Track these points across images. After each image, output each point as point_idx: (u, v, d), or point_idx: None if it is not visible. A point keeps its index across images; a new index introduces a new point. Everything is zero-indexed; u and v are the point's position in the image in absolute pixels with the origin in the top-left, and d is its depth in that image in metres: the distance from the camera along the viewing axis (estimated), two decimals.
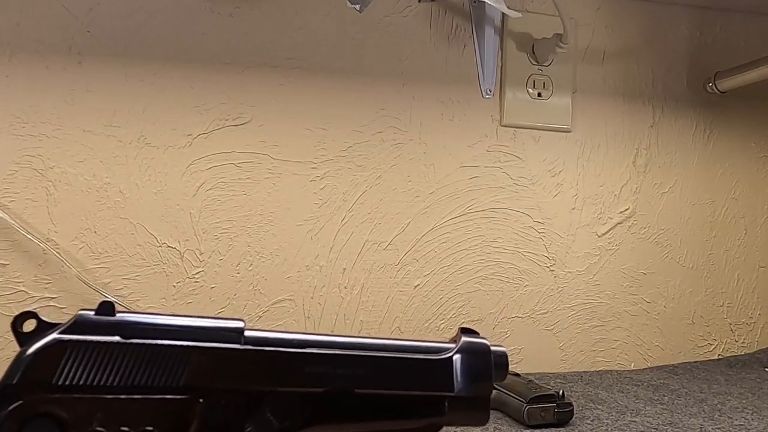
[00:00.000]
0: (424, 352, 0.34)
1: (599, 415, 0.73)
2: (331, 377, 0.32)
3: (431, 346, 0.34)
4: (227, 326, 0.32)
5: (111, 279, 0.82)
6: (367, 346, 0.33)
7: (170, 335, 0.31)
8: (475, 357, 0.34)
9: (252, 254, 0.87)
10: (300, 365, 0.32)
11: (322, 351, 0.32)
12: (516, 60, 0.98)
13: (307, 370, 0.32)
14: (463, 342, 0.34)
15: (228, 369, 0.31)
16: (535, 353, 0.98)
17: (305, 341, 0.32)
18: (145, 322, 0.31)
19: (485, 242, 0.96)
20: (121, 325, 0.31)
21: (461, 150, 0.96)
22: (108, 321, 0.31)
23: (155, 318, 0.32)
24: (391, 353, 0.33)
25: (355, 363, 0.32)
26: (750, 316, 1.10)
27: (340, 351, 0.32)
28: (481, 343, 0.35)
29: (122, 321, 0.31)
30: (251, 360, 0.32)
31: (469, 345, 0.34)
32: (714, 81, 1.04)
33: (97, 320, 0.31)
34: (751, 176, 1.10)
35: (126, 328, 0.31)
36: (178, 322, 0.32)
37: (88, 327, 0.31)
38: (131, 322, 0.31)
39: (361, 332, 0.91)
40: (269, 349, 0.32)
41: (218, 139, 0.86)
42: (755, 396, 0.83)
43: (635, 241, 1.03)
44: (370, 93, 0.92)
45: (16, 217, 0.79)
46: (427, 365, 0.33)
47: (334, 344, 0.33)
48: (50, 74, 0.81)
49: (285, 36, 0.89)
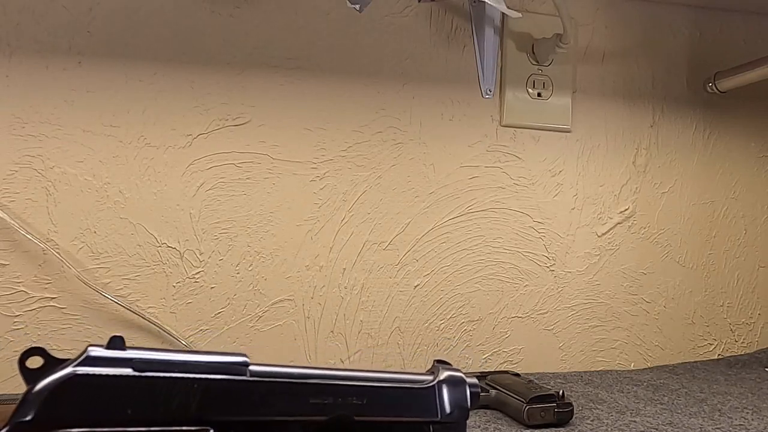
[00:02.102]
0: (410, 382, 0.37)
1: (599, 415, 0.73)
2: (332, 407, 0.34)
3: (414, 378, 0.37)
4: (234, 360, 0.34)
5: (111, 279, 0.82)
6: (361, 377, 0.35)
7: (180, 368, 0.32)
8: (454, 386, 0.37)
9: (252, 254, 0.87)
10: (305, 396, 0.34)
11: (324, 382, 0.34)
12: (516, 60, 0.98)
13: (312, 400, 0.34)
14: (444, 374, 0.37)
15: (236, 400, 0.32)
16: (535, 353, 0.98)
17: (306, 374, 0.34)
18: (155, 356, 0.32)
19: (485, 242, 0.96)
20: (132, 360, 0.32)
21: (461, 150, 0.96)
22: (120, 356, 0.32)
23: (164, 353, 0.33)
24: (385, 383, 0.36)
25: (354, 393, 0.35)
26: (750, 316, 1.10)
27: (340, 382, 0.35)
28: (458, 375, 0.38)
29: (133, 356, 0.32)
30: (258, 391, 0.33)
31: (449, 376, 0.38)
32: (714, 81, 1.04)
33: (109, 355, 0.32)
34: (751, 176, 1.10)
35: (137, 362, 0.31)
36: (187, 357, 0.33)
37: (100, 361, 0.31)
38: (142, 357, 0.32)
39: (361, 332, 0.91)
40: (275, 380, 0.33)
41: (218, 139, 0.86)
42: (755, 396, 0.83)
43: (635, 241, 1.03)
44: (370, 93, 0.92)
45: (16, 217, 0.79)
46: (416, 393, 0.36)
47: (332, 376, 0.35)
48: (50, 74, 0.81)
49: (285, 36, 0.89)
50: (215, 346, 0.85)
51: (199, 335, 0.85)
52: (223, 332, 0.86)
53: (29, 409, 0.29)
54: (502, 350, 0.97)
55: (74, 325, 0.81)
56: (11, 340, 0.79)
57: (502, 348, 0.97)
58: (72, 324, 0.81)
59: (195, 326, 0.85)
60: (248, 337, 0.87)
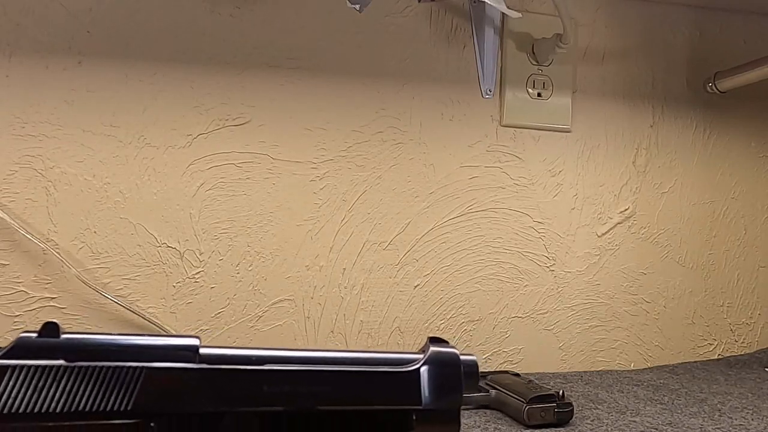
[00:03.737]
0: (389, 364, 0.32)
1: (599, 415, 0.73)
2: (291, 395, 0.30)
3: (397, 358, 0.33)
4: (180, 344, 0.31)
5: (111, 279, 0.82)
6: (328, 360, 0.32)
7: (118, 356, 0.29)
8: (444, 368, 0.33)
9: (252, 254, 0.87)
10: (258, 384, 0.30)
11: (282, 367, 0.31)
12: (516, 60, 0.98)
13: (266, 388, 0.30)
14: (431, 352, 0.33)
15: (181, 390, 0.30)
16: (535, 353, 0.98)
17: (264, 357, 0.31)
18: (91, 342, 0.30)
19: (485, 242, 0.96)
20: (65, 347, 0.29)
21: (461, 150, 0.96)
22: (51, 343, 0.29)
23: (103, 338, 0.30)
24: (354, 367, 0.32)
25: (316, 379, 0.31)
26: (750, 316, 1.10)
27: (301, 367, 0.31)
28: (450, 352, 0.33)
29: (66, 343, 0.29)
30: (206, 379, 0.30)
31: (438, 355, 0.33)
32: (714, 81, 1.04)
33: (39, 343, 0.29)
34: (751, 176, 1.10)
35: (70, 351, 0.29)
36: (127, 342, 0.30)
37: (30, 350, 0.29)
38: (76, 344, 0.29)
39: (361, 332, 0.91)
40: (225, 367, 0.31)
41: (218, 139, 0.86)
42: (755, 396, 0.83)
43: (635, 241, 1.03)
44: (370, 93, 0.92)
45: (16, 217, 0.79)
46: (392, 378, 0.32)
47: (294, 359, 0.31)
48: (50, 74, 0.81)
49: (285, 36, 0.89)
50: None
51: (199, 335, 0.85)
52: (223, 332, 0.86)
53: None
54: (502, 350, 0.97)
55: (74, 325, 0.81)
56: (9, 340, 0.79)
57: (502, 348, 0.97)
58: (72, 324, 0.81)
59: (195, 326, 0.85)
60: (248, 337, 0.87)
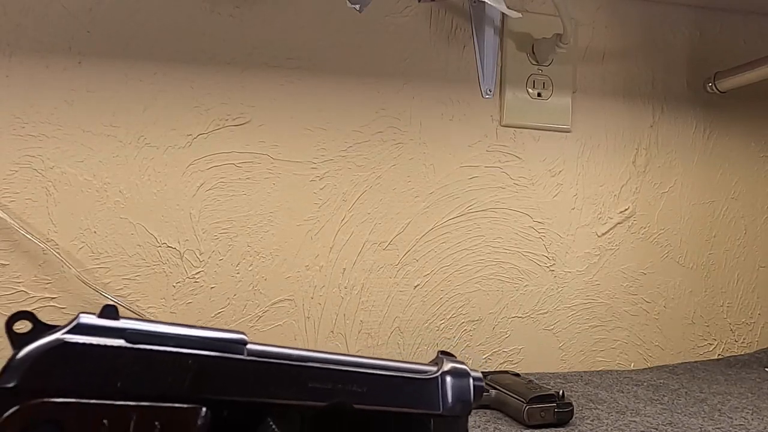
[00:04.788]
0: (412, 372, 0.35)
1: (599, 415, 0.73)
2: (332, 392, 0.32)
3: (418, 368, 0.36)
4: (231, 337, 0.32)
5: (111, 279, 0.82)
6: (363, 364, 0.34)
7: (175, 342, 0.30)
8: (458, 379, 0.35)
9: (252, 254, 0.87)
10: (303, 379, 0.32)
11: (325, 366, 0.33)
12: (516, 60, 0.98)
13: (310, 384, 0.32)
14: (448, 365, 0.36)
15: (233, 379, 0.31)
16: (535, 353, 0.98)
17: (305, 356, 0.33)
18: (150, 328, 0.31)
19: (485, 242, 0.96)
20: (125, 330, 0.30)
21: (461, 150, 0.96)
22: (112, 325, 0.30)
23: (160, 325, 0.31)
24: (387, 371, 0.34)
25: (354, 379, 0.33)
26: (750, 316, 1.10)
27: (341, 367, 0.33)
28: (462, 367, 0.37)
29: (127, 326, 0.30)
30: (256, 371, 0.32)
31: (453, 368, 0.36)
32: (714, 81, 1.04)
33: (101, 323, 0.30)
34: (751, 176, 1.10)
35: (131, 333, 0.30)
36: (182, 331, 0.31)
37: (92, 330, 0.30)
38: (136, 327, 0.30)
39: (361, 332, 0.91)
40: (274, 361, 0.32)
41: (218, 139, 0.86)
42: (755, 396, 0.83)
43: (635, 241, 1.03)
44: (370, 93, 0.92)
45: (16, 217, 0.79)
46: (418, 384, 0.35)
47: (333, 361, 0.33)
48: (50, 74, 0.81)
49: (285, 36, 0.89)
50: None
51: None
52: None
53: (13, 376, 0.28)
54: (502, 350, 0.97)
55: None
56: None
57: (502, 348, 0.97)
58: None
59: None
60: (248, 338, 0.87)
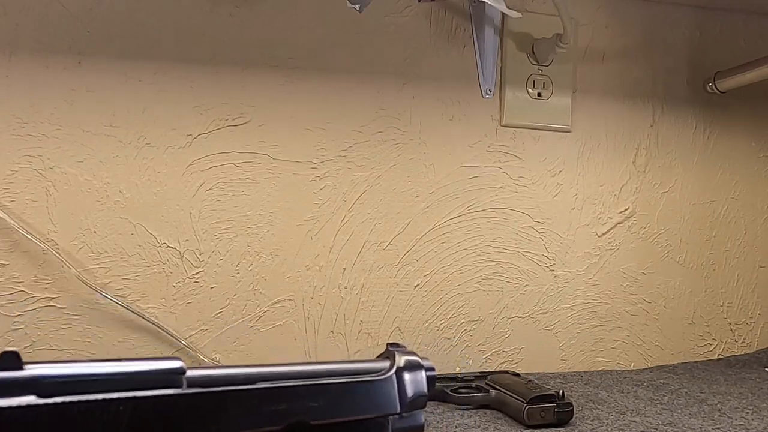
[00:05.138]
0: (362, 373, 0.32)
1: (599, 415, 0.73)
2: (287, 413, 0.29)
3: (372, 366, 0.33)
4: (166, 368, 0.27)
5: (111, 279, 0.82)
6: (315, 373, 0.31)
7: (98, 387, 0.25)
8: (414, 374, 0.33)
9: (252, 254, 0.87)
10: (255, 403, 0.29)
11: (276, 384, 0.29)
12: (516, 60, 0.98)
13: (264, 408, 0.29)
14: (402, 360, 0.33)
15: (173, 418, 0.27)
16: (535, 353, 0.98)
17: (253, 375, 0.29)
18: (63, 374, 0.25)
19: (485, 242, 0.96)
20: (35, 382, 0.25)
21: (461, 150, 0.96)
22: (18, 378, 0.25)
23: (75, 367, 0.26)
24: (340, 378, 0.31)
25: (309, 394, 0.30)
26: (750, 316, 1.10)
27: (294, 382, 0.30)
28: (414, 359, 0.34)
29: (36, 376, 0.25)
30: (198, 404, 0.27)
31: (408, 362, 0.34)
32: (714, 81, 1.04)
33: (4, 378, 0.25)
34: (751, 176, 1.10)
35: (42, 385, 0.25)
36: (104, 370, 0.26)
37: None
38: (47, 376, 0.25)
39: (361, 332, 0.91)
40: (218, 389, 0.28)
41: (218, 139, 0.86)
42: (755, 396, 0.83)
43: (635, 241, 1.03)
44: (370, 93, 0.92)
45: (16, 217, 0.79)
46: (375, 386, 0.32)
47: (284, 375, 0.30)
48: (50, 74, 0.81)
49: (285, 36, 0.89)
50: (215, 346, 0.86)
51: (199, 335, 0.85)
52: (223, 332, 0.86)
53: None
54: (502, 350, 0.97)
55: (74, 325, 0.81)
56: (11, 340, 0.79)
57: (502, 348, 0.97)
58: (72, 324, 0.81)
59: (195, 326, 0.85)
60: (248, 337, 0.87)
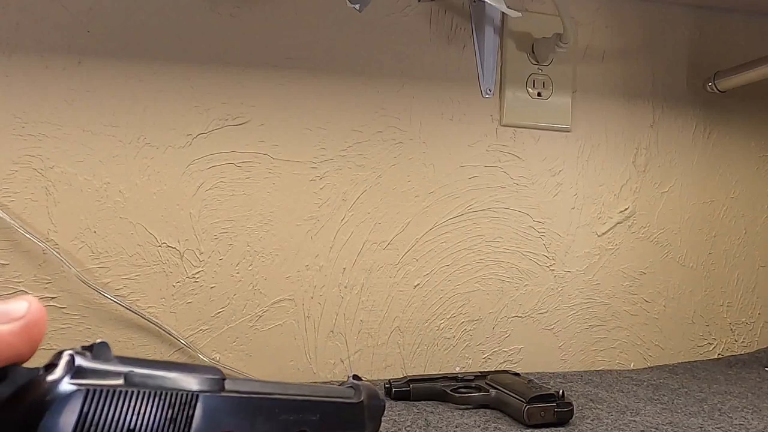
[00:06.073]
0: (342, 396, 0.38)
1: (599, 414, 0.73)
2: (296, 423, 0.34)
3: (344, 390, 0.38)
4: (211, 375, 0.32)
5: (111, 279, 0.82)
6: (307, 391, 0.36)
7: (169, 383, 0.30)
8: (373, 400, 0.39)
9: (252, 254, 0.87)
10: (277, 412, 0.33)
11: (291, 398, 0.34)
12: (516, 59, 0.98)
13: (282, 416, 0.33)
14: (364, 388, 0.39)
15: (221, 415, 0.31)
16: (535, 353, 0.98)
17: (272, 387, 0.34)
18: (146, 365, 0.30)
19: (485, 242, 0.96)
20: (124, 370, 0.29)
21: (461, 150, 0.96)
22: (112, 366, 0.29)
23: (150, 363, 0.30)
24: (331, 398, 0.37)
25: (311, 408, 0.35)
26: (750, 315, 1.10)
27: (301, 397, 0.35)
28: (375, 389, 0.40)
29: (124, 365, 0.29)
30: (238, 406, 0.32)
31: (369, 389, 0.39)
32: (714, 81, 1.04)
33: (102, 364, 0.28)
34: (751, 176, 1.10)
35: (129, 374, 0.29)
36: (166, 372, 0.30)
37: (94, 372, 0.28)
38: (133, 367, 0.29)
39: (361, 332, 0.91)
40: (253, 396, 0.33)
41: (218, 139, 0.86)
42: (755, 395, 0.83)
43: (635, 241, 1.03)
44: (370, 93, 0.92)
45: (16, 217, 0.79)
46: (352, 408, 0.37)
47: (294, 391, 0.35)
48: (50, 74, 0.81)
49: (285, 36, 0.89)
50: (215, 346, 0.86)
51: (199, 335, 0.85)
52: (223, 332, 0.86)
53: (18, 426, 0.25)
54: (502, 350, 0.97)
55: (74, 325, 0.81)
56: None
57: (502, 348, 0.97)
58: (72, 324, 0.81)
59: (195, 326, 0.85)
60: (248, 337, 0.87)
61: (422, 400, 0.78)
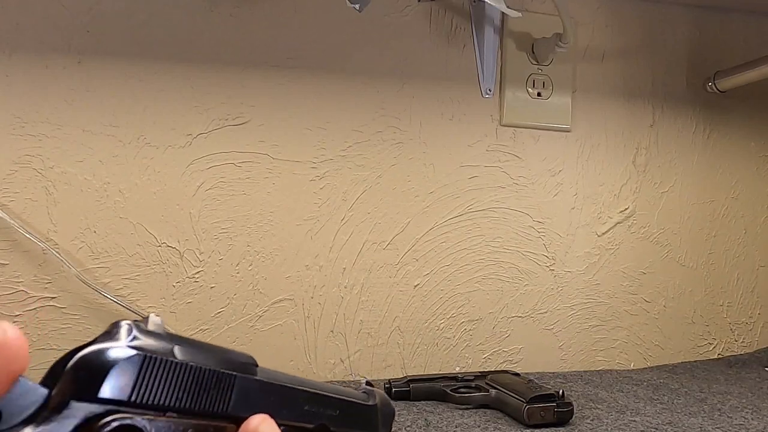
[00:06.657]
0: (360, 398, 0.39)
1: (599, 414, 0.73)
2: (318, 415, 0.36)
3: (360, 393, 0.40)
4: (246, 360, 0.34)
5: (111, 279, 0.82)
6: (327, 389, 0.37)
7: (213, 363, 0.32)
8: (385, 407, 0.40)
9: (252, 254, 0.87)
10: (302, 402, 0.35)
11: (314, 391, 0.36)
12: (516, 59, 0.98)
13: (306, 407, 0.35)
14: (378, 394, 0.40)
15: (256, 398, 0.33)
16: (535, 353, 0.98)
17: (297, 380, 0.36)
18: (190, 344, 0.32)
19: (485, 242, 0.96)
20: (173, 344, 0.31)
21: (461, 150, 0.96)
22: (164, 339, 0.30)
23: (194, 341, 0.32)
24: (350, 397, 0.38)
25: (332, 404, 0.37)
26: (750, 315, 1.10)
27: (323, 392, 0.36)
28: (386, 396, 0.41)
29: (173, 340, 0.31)
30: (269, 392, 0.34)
31: (381, 396, 0.41)
32: (714, 81, 1.04)
33: (158, 337, 0.30)
34: (751, 176, 1.10)
35: (179, 348, 0.31)
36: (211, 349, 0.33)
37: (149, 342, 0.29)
38: (181, 343, 0.31)
39: (361, 332, 0.91)
40: (283, 384, 0.35)
41: (218, 139, 0.86)
42: (755, 395, 0.83)
43: (635, 241, 1.03)
44: (370, 93, 0.92)
45: (16, 217, 0.79)
46: (368, 410, 0.39)
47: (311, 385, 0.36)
48: (50, 74, 0.81)
49: (285, 36, 0.89)
50: None
51: (199, 335, 0.85)
52: (223, 332, 0.86)
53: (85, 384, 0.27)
54: (502, 350, 0.97)
55: (74, 325, 0.81)
56: None
57: (502, 347, 0.97)
58: (72, 324, 0.81)
59: (195, 326, 0.85)
60: (248, 337, 0.87)
61: (422, 400, 0.78)
